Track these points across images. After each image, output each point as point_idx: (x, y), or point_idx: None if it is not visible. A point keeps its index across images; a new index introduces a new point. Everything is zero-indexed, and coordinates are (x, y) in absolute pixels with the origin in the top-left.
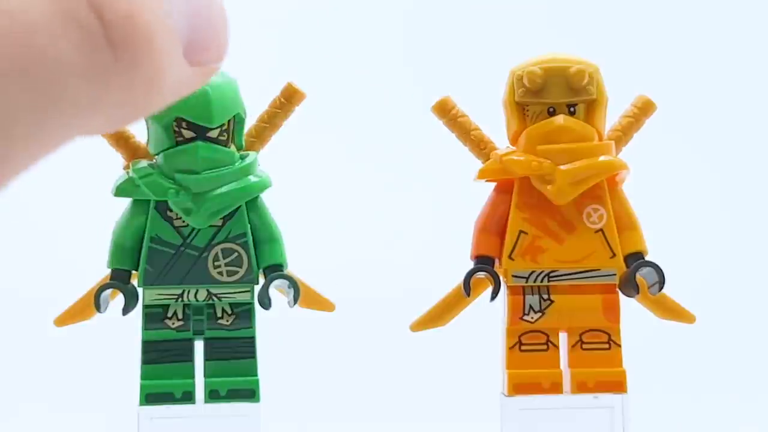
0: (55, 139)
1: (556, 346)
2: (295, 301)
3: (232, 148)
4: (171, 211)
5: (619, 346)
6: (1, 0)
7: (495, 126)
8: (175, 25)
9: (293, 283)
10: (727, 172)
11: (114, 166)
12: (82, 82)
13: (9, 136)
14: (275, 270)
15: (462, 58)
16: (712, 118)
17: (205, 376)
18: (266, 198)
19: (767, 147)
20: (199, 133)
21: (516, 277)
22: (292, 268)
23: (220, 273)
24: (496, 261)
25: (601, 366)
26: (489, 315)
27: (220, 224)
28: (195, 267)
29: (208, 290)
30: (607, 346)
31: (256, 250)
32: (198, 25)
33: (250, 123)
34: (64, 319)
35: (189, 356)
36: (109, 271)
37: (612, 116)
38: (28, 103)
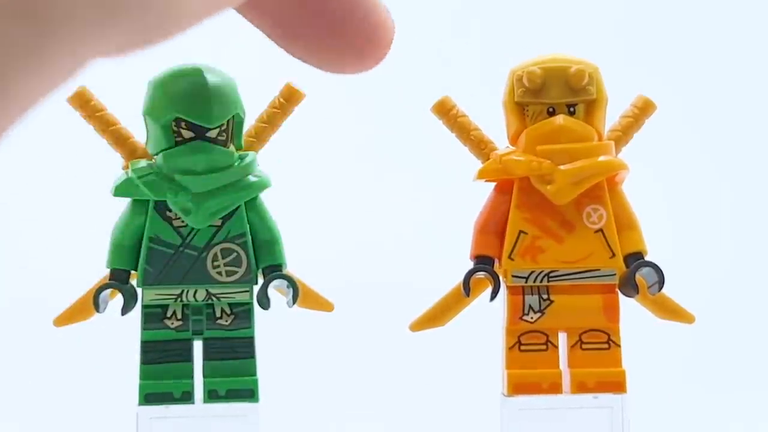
0: (63, 60)
1: (556, 346)
2: (294, 301)
3: (232, 148)
4: (170, 211)
5: (619, 346)
6: None
7: (495, 126)
8: None
9: (292, 283)
10: (727, 171)
11: (113, 166)
12: None
13: (10, 53)
14: (274, 270)
15: (462, 58)
16: (712, 118)
17: (204, 376)
18: (266, 198)
19: (767, 147)
20: (199, 133)
21: (516, 277)
22: (291, 268)
23: (219, 273)
24: (496, 261)
25: (600, 366)
26: (488, 315)
27: (219, 224)
28: (194, 267)
29: (207, 290)
30: (606, 346)
31: (255, 250)
32: None
33: (249, 123)
34: (63, 319)
35: (188, 356)
36: (108, 271)
37: (612, 116)
38: (32, 16)
